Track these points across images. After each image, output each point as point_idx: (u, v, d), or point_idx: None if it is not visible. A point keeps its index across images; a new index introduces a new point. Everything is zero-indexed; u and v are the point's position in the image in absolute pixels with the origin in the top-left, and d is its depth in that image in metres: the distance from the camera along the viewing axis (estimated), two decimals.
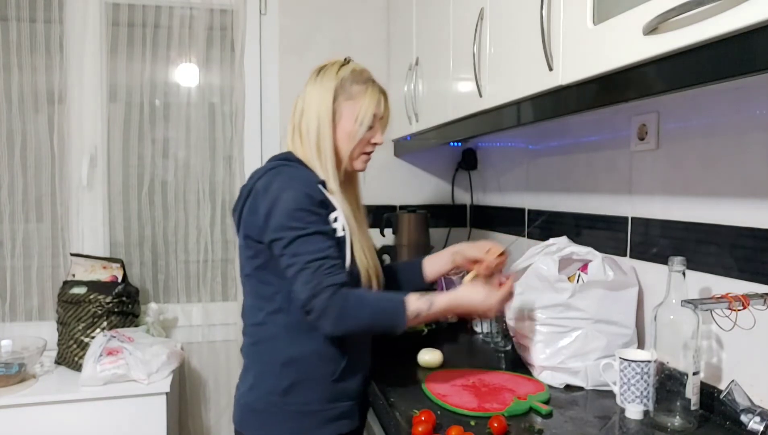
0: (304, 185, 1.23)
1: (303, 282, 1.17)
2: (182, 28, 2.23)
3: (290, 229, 1.19)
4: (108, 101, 2.23)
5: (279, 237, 1.20)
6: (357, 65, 1.37)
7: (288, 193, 1.21)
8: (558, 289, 1.35)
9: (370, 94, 1.34)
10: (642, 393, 1.19)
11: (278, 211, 1.20)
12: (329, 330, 1.19)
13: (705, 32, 0.74)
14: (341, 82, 1.32)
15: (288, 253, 1.19)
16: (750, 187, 1.12)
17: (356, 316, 1.19)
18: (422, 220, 2.22)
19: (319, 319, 1.17)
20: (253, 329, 1.32)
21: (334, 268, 1.18)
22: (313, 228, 1.19)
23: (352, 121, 1.32)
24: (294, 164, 1.31)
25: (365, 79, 1.36)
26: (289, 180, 1.24)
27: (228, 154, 2.32)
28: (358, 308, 1.19)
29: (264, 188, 1.24)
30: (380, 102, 1.36)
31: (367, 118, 1.32)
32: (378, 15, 2.42)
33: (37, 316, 2.18)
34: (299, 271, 1.17)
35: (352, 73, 1.35)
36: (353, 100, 1.33)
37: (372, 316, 1.20)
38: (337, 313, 1.16)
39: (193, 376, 2.32)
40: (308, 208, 1.21)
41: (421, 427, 1.07)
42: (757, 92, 1.10)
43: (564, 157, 1.78)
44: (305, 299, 1.17)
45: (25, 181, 2.15)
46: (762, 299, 1.03)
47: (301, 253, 1.18)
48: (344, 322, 1.18)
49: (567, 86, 1.08)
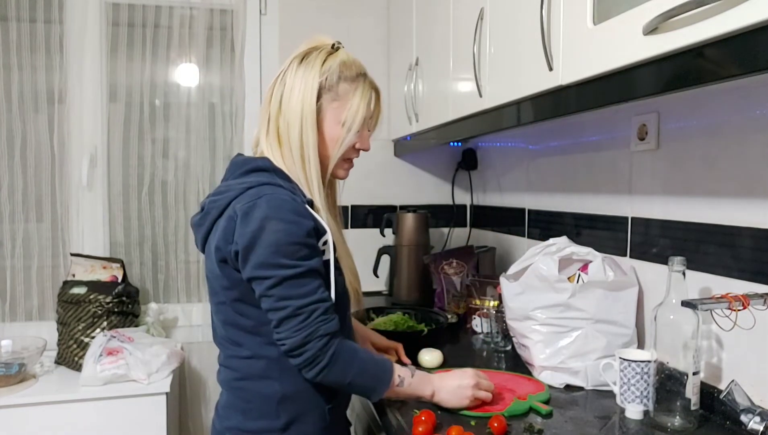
0: (293, 212, 1.05)
1: (293, 329, 1.03)
2: (182, 28, 2.23)
3: (278, 268, 1.02)
4: (108, 101, 2.23)
5: (263, 276, 1.03)
6: (347, 56, 1.18)
7: (274, 223, 1.02)
8: (558, 289, 1.35)
9: (360, 95, 1.16)
10: (642, 393, 1.19)
11: (263, 246, 1.02)
12: (311, 377, 1.06)
13: (705, 32, 0.74)
14: (327, 77, 1.14)
15: (274, 295, 1.03)
16: (750, 187, 1.12)
17: (343, 371, 1.07)
18: (422, 220, 2.22)
19: (306, 366, 1.05)
20: (237, 363, 1.14)
21: (327, 314, 1.05)
22: (304, 266, 1.04)
23: (337, 125, 1.15)
24: (276, 179, 1.11)
25: (355, 75, 1.17)
26: (275, 206, 1.04)
27: (228, 154, 2.31)
28: (348, 363, 1.07)
29: (244, 214, 1.04)
30: (371, 102, 1.18)
31: (356, 123, 1.15)
32: (378, 15, 2.42)
33: (37, 316, 2.18)
34: (287, 318, 1.03)
35: (341, 66, 1.15)
36: (340, 101, 1.15)
37: (358, 374, 1.09)
38: (325, 364, 1.04)
39: (193, 376, 2.32)
40: (298, 241, 1.03)
41: (422, 427, 1.07)
42: (757, 92, 1.10)
43: (564, 157, 1.78)
44: (294, 345, 1.03)
45: (25, 181, 2.15)
46: (762, 299, 1.03)
47: (292, 296, 1.03)
48: (330, 375, 1.06)
49: (567, 86, 1.08)
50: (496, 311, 1.64)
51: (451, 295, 1.99)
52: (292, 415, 1.12)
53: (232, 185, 1.12)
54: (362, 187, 2.42)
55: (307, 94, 1.12)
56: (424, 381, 1.18)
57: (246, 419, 1.13)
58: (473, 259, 2.10)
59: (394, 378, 1.12)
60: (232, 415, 1.15)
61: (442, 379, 1.20)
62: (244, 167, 1.15)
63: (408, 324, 1.76)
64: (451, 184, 2.54)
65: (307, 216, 1.07)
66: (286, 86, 1.15)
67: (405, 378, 1.14)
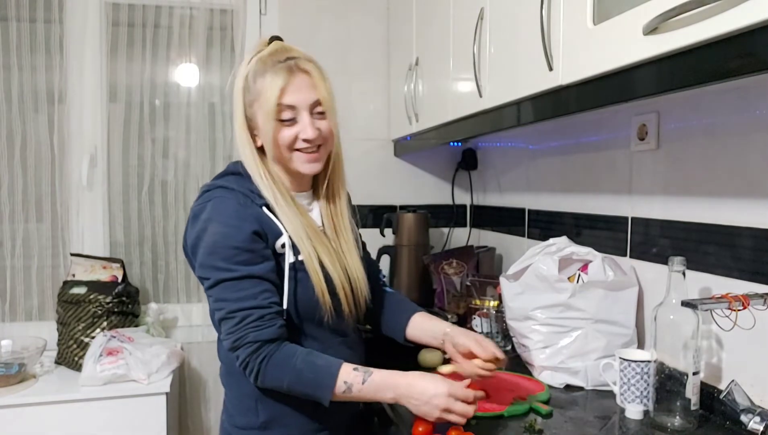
0: (234, 216, 1.05)
1: (226, 332, 1.05)
2: (182, 28, 2.23)
3: (214, 270, 1.04)
4: (108, 101, 2.23)
5: (203, 276, 1.06)
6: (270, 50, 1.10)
7: (214, 225, 1.04)
8: (558, 289, 1.35)
9: (269, 82, 1.06)
10: (642, 393, 1.19)
11: (203, 247, 1.05)
12: (253, 384, 1.07)
13: (705, 32, 0.74)
14: (246, 82, 1.10)
15: (212, 296, 1.06)
16: (750, 187, 1.12)
17: (278, 378, 1.04)
18: (422, 220, 2.22)
19: (243, 370, 1.05)
20: (226, 357, 1.17)
21: (262, 321, 1.03)
22: (241, 271, 1.03)
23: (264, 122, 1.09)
24: (231, 181, 1.11)
25: (270, 65, 1.07)
26: (217, 210, 1.06)
27: (228, 154, 2.31)
28: (281, 370, 1.04)
29: (193, 215, 1.09)
30: (285, 85, 1.06)
31: (270, 113, 1.06)
32: (378, 15, 2.42)
33: (37, 316, 2.18)
34: (222, 320, 1.05)
35: (258, 63, 1.09)
36: (258, 101, 1.08)
37: (294, 382, 1.05)
38: (256, 372, 1.04)
39: (193, 376, 2.32)
40: (236, 245, 1.03)
41: (422, 427, 1.07)
42: (757, 92, 1.10)
43: (564, 157, 1.78)
44: (228, 347, 1.06)
45: (25, 181, 2.15)
46: (762, 299, 1.03)
47: (226, 299, 1.04)
48: (266, 381, 1.05)
49: (567, 86, 1.08)
50: (496, 311, 1.64)
51: (451, 295, 1.99)
52: (271, 415, 1.14)
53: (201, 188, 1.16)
54: (362, 187, 2.41)
55: (237, 106, 1.12)
56: (385, 386, 1.05)
57: (236, 413, 1.18)
58: (473, 259, 2.10)
59: (338, 384, 1.03)
60: (227, 408, 1.22)
61: (411, 385, 1.04)
62: (222, 171, 1.19)
63: None
64: (451, 184, 2.54)
65: (250, 220, 1.06)
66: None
67: (353, 384, 1.04)
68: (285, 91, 1.06)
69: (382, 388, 1.05)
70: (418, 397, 1.03)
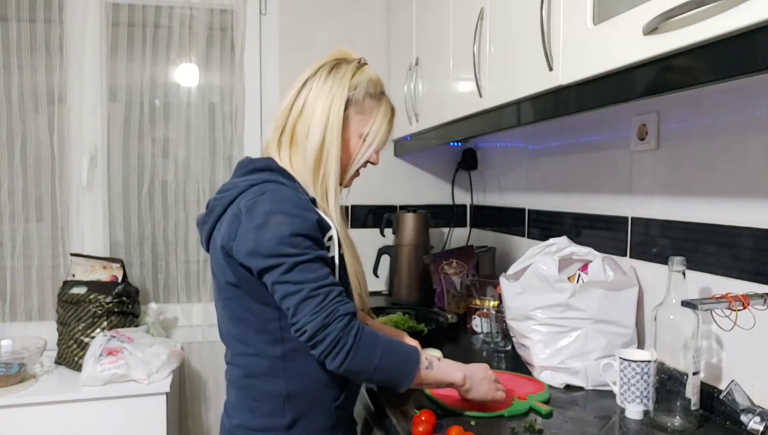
0: (296, 206, 1.07)
1: (310, 312, 1.01)
2: (182, 28, 2.23)
3: (287, 256, 1.03)
4: (108, 101, 2.23)
5: (274, 264, 1.03)
6: (373, 73, 1.23)
7: (279, 217, 1.04)
8: (558, 289, 1.35)
9: (383, 114, 1.22)
10: (642, 393, 1.19)
11: (269, 237, 1.03)
12: (337, 365, 1.03)
13: (705, 32, 0.74)
14: (355, 91, 1.18)
15: (289, 280, 1.03)
16: (750, 187, 1.12)
17: (370, 354, 1.04)
18: (422, 220, 2.22)
19: (330, 353, 1.02)
20: (244, 360, 1.15)
21: (342, 296, 1.04)
22: (312, 254, 1.04)
23: (358, 138, 1.19)
24: (278, 177, 1.14)
25: (380, 92, 1.22)
26: (278, 201, 1.06)
27: (228, 154, 2.32)
28: (373, 344, 1.05)
29: (248, 210, 1.06)
30: (391, 121, 1.24)
31: (377, 139, 1.21)
32: (378, 15, 2.42)
33: (37, 316, 2.18)
34: (304, 300, 1.02)
35: (368, 83, 1.20)
36: (364, 115, 1.19)
37: (386, 356, 1.05)
38: (350, 346, 1.02)
39: (193, 376, 2.32)
40: (303, 233, 1.05)
41: (422, 427, 1.07)
42: (757, 92, 1.10)
43: (564, 157, 1.78)
44: (314, 330, 1.01)
45: (25, 181, 2.15)
46: (762, 299, 1.03)
47: (307, 280, 1.03)
48: (356, 358, 1.03)
49: (567, 86, 1.08)
50: (496, 311, 1.64)
51: (451, 295, 1.99)
52: (298, 413, 1.12)
53: (236, 183, 1.13)
54: (362, 187, 2.40)
55: (336, 102, 1.16)
56: (453, 365, 1.15)
57: (253, 417, 1.14)
58: (473, 259, 2.10)
59: (422, 360, 1.09)
60: (239, 413, 1.17)
61: (470, 366, 1.18)
62: (249, 167, 1.17)
63: (408, 324, 1.76)
64: (451, 184, 2.54)
65: (311, 210, 1.09)
66: (312, 92, 1.17)
67: (432, 361, 1.11)
68: (391, 129, 1.25)
69: (451, 368, 1.15)
70: (477, 375, 1.16)
